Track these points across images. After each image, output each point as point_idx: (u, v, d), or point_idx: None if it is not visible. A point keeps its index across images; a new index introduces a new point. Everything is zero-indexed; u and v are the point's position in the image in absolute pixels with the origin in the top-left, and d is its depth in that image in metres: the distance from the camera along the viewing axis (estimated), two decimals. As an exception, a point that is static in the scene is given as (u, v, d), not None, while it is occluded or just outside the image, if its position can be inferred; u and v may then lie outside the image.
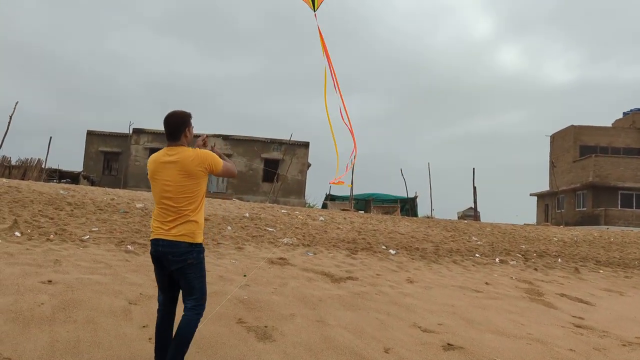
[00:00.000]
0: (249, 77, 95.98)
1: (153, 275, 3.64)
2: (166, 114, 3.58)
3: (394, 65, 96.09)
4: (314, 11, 7.66)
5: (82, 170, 31.74)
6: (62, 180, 28.31)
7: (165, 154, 3.54)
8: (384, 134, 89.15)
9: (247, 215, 12.87)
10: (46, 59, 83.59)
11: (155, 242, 3.40)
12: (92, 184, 29.56)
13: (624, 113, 43.27)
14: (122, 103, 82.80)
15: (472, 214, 36.80)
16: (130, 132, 32.54)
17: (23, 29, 79.32)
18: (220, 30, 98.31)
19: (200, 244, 3.47)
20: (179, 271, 3.37)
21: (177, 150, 3.52)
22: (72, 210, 10.03)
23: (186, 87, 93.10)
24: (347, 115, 6.78)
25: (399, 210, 28.10)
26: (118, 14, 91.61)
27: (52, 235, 7.88)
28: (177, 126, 3.55)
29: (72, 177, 29.49)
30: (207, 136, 4.06)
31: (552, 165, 33.70)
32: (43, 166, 26.17)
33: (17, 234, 7.73)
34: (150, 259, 3.53)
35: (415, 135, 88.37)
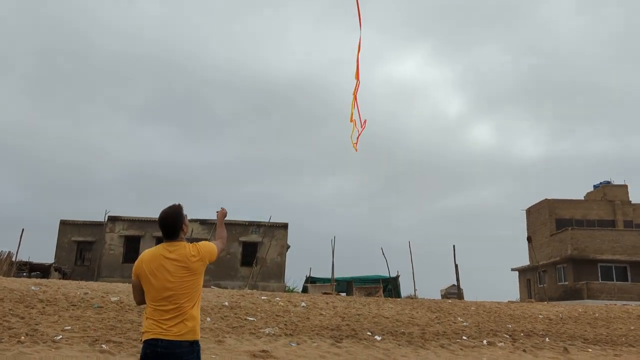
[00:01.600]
0: (226, 162, 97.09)
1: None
2: (161, 212, 3.52)
3: (371, 144, 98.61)
4: None
5: (54, 262, 30.82)
6: (32, 274, 27.35)
7: (165, 249, 3.42)
8: (363, 214, 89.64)
9: (226, 304, 12.46)
10: (21, 149, 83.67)
11: (153, 343, 3.20)
12: (64, 275, 28.62)
13: (594, 186, 44.54)
14: (98, 192, 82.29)
15: (455, 292, 36.42)
16: (105, 220, 32.06)
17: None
18: (199, 117, 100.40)
19: (198, 341, 3.34)
20: None
21: (176, 246, 3.43)
22: (43, 308, 9.58)
23: (163, 174, 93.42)
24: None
25: (381, 290, 27.66)
26: (98, 104, 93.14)
27: (23, 337, 7.46)
28: (174, 224, 3.48)
29: (42, 270, 28.53)
30: (224, 209, 4.07)
31: (529, 240, 34.09)
32: (13, 259, 25.35)
33: (-16, 337, 7.31)
34: None
35: (394, 214, 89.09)
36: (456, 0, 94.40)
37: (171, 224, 3.46)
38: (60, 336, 7.83)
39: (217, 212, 4.01)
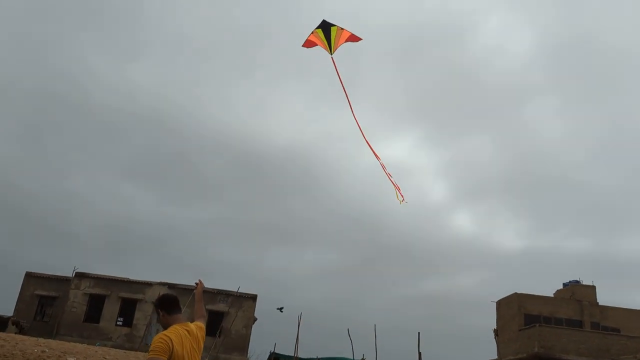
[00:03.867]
0: (205, 225, 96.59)
1: None
2: (167, 294, 3.95)
3: (352, 222, 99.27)
4: (331, 54, 8.97)
5: (13, 315, 29.89)
6: (-11, 325, 26.52)
7: (184, 330, 3.71)
8: (336, 292, 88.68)
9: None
10: (0, 192, 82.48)
11: None
12: (21, 330, 27.70)
13: (563, 284, 45.16)
14: (73, 243, 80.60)
15: (421, 381, 35.73)
16: (73, 275, 31.45)
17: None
18: (183, 179, 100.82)
19: None
20: None
21: (189, 327, 3.76)
22: (-2, 364, 9.44)
23: (140, 232, 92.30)
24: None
25: (345, 373, 27.20)
26: (86, 156, 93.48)
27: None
28: (177, 300, 3.88)
29: (0, 322, 27.70)
30: (201, 282, 4.39)
31: (495, 334, 34.12)
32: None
33: None
34: None
35: (368, 295, 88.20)
36: (453, 93, 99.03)
37: (175, 300, 3.86)
38: (12, 395, 7.73)
39: (195, 284, 4.31)
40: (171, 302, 3.80)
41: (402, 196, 9.13)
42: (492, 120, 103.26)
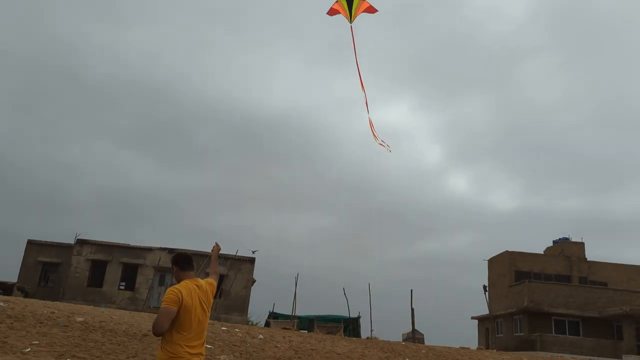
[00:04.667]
0: (201, 191, 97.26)
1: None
2: (181, 253, 4.35)
3: (348, 187, 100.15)
4: (350, 23, 9.42)
5: (17, 281, 30.75)
6: (-5, 291, 27.33)
7: (194, 285, 4.11)
8: (332, 254, 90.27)
9: (187, 331, 13.08)
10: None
11: None
12: (26, 295, 28.58)
13: (553, 241, 46.25)
14: (71, 213, 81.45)
15: (416, 337, 37.06)
16: (74, 242, 32.20)
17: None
18: (179, 145, 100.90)
19: None
20: None
21: (199, 282, 4.17)
22: (12, 323, 10.15)
23: (138, 200, 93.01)
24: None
25: (342, 330, 28.31)
26: (81, 124, 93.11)
27: (-7, 348, 8.07)
28: (190, 258, 4.29)
29: (5, 288, 28.52)
30: (218, 245, 4.96)
31: (485, 289, 35.26)
32: (-23, 275, 25.37)
33: (-43, 345, 7.90)
34: None
35: (363, 256, 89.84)
36: (447, 55, 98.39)
37: (189, 258, 4.28)
38: (29, 349, 8.46)
39: (213, 247, 4.84)
40: (185, 259, 4.21)
41: (384, 145, 9.55)
42: (487, 82, 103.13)
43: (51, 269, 33.73)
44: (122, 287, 32.17)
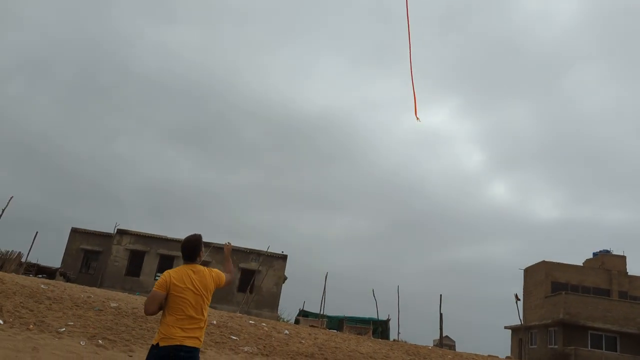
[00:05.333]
0: (243, 188, 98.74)
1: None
2: (185, 238, 4.39)
3: (386, 189, 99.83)
4: None
5: (60, 267, 32.07)
6: (39, 275, 28.61)
7: (190, 270, 4.24)
8: (366, 256, 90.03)
9: (214, 322, 13.51)
10: (48, 154, 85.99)
11: (178, 348, 3.96)
12: (68, 281, 29.79)
13: (593, 253, 44.98)
14: (115, 204, 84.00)
15: (447, 344, 36.73)
16: (115, 232, 33.33)
17: (31, 123, 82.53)
18: (223, 142, 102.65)
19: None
20: None
21: (197, 267, 4.28)
22: (50, 305, 10.75)
23: (181, 194, 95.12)
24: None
25: (370, 332, 28.40)
26: (129, 120, 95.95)
27: (31, 326, 8.61)
28: (195, 249, 4.35)
29: (49, 273, 29.81)
30: (230, 244, 5.03)
31: (517, 298, 34.50)
32: (23, 260, 26.63)
33: (0, 321, 8.47)
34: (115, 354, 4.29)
35: (399, 259, 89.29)
36: (493, 61, 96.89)
37: (193, 248, 4.33)
38: (64, 329, 8.97)
39: (224, 245, 4.93)
40: (185, 250, 4.32)
41: (417, 116, 9.42)
42: (532, 88, 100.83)
43: (92, 256, 35.03)
44: (158, 278, 33.07)
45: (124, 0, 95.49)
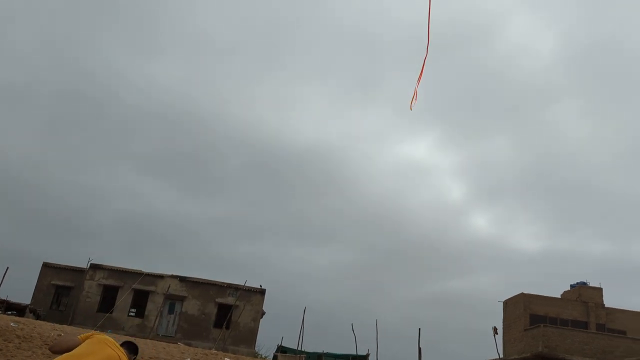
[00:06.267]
0: (223, 220, 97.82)
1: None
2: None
3: (369, 223, 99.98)
4: None
5: (30, 303, 31.04)
6: (8, 312, 27.63)
7: (121, 352, 4.22)
8: (348, 289, 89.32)
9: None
10: (20, 185, 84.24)
11: None
12: (38, 317, 28.82)
13: (570, 285, 45.38)
14: (90, 237, 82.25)
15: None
16: (87, 267, 32.52)
17: (3, 154, 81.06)
18: (201, 174, 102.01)
19: None
20: None
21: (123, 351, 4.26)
22: (20, 343, 10.31)
23: (157, 227, 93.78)
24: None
25: (350, 367, 27.97)
26: (106, 151, 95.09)
27: (-2, 366, 8.22)
28: (137, 350, 4.54)
29: (18, 309, 28.84)
30: None
31: (495, 332, 34.46)
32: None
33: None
34: None
35: (380, 291, 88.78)
36: (472, 93, 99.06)
37: (136, 349, 4.54)
38: (32, 370, 8.58)
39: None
40: (133, 350, 4.49)
41: (414, 100, 9.29)
42: (513, 120, 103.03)
43: (64, 292, 34.01)
44: (132, 314, 32.24)
45: (102, 35, 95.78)
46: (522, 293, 42.11)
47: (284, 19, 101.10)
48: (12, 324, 12.51)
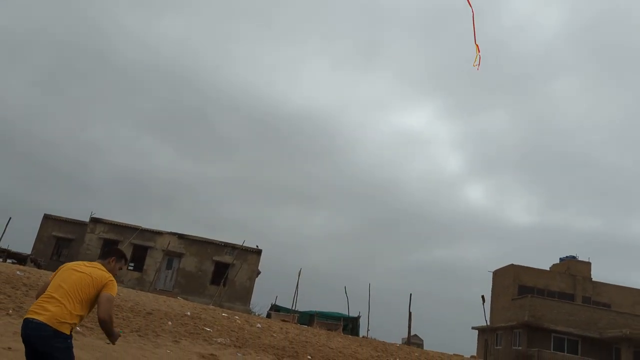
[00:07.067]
0: (221, 180, 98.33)
1: (97, 353, 4.59)
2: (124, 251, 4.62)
3: (365, 189, 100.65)
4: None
5: (31, 253, 31.74)
6: (9, 260, 28.30)
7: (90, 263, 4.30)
8: (341, 253, 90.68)
9: (188, 313, 13.74)
10: (23, 139, 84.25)
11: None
12: (39, 267, 29.54)
13: (560, 259, 46.25)
14: (90, 191, 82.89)
15: (416, 342, 37.39)
16: (89, 220, 33.11)
17: (5, 108, 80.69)
18: (201, 134, 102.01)
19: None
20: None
21: (96, 265, 4.29)
22: (27, 291, 10.85)
23: (156, 184, 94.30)
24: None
25: (341, 328, 28.85)
26: (106, 106, 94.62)
27: (10, 311, 8.75)
28: (110, 252, 4.51)
29: (19, 259, 29.52)
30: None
31: (483, 300, 35.35)
32: (-6, 245, 26.36)
33: (-22, 306, 8.59)
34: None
35: (373, 257, 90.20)
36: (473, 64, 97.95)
37: (109, 251, 4.54)
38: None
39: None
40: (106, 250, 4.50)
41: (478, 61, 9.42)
42: (512, 95, 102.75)
43: (64, 244, 34.73)
44: (131, 268, 33.03)
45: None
46: (512, 264, 42.96)
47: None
48: (17, 272, 13.07)
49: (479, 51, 9.52)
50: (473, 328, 45.03)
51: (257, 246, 34.03)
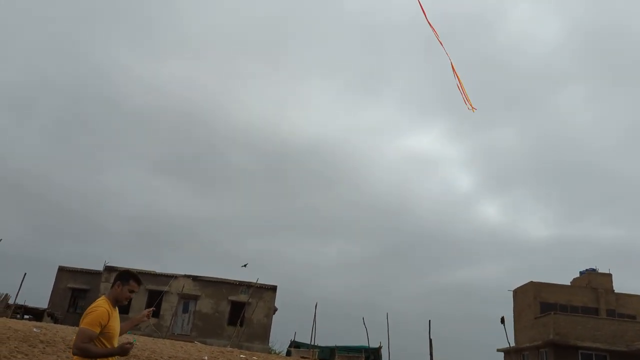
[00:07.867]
0: (231, 218, 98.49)
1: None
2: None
3: (377, 215, 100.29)
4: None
5: (48, 307, 31.76)
6: (26, 316, 28.35)
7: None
8: (359, 281, 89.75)
9: (205, 358, 13.62)
10: (35, 190, 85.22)
11: None
12: (56, 321, 29.51)
13: (580, 272, 45.53)
14: (104, 239, 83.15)
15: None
16: (103, 269, 33.16)
17: (17, 160, 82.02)
18: (211, 172, 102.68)
19: None
20: None
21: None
22: (44, 348, 10.83)
23: (169, 226, 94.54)
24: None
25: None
26: (115, 150, 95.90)
27: (26, 370, 8.73)
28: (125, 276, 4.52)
29: (36, 314, 29.54)
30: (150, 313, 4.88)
31: (502, 321, 34.65)
32: (10, 302, 26.42)
33: (-5, 367, 8.58)
34: None
35: (390, 283, 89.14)
36: (479, 82, 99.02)
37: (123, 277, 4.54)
38: (59, 373, 9.09)
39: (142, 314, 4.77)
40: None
41: (471, 105, 9.43)
42: (519, 109, 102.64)
43: (80, 295, 34.72)
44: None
45: (112, 35, 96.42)
46: (532, 281, 42.34)
47: (288, 13, 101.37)
48: (34, 329, 13.08)
49: (466, 95, 9.64)
50: (498, 350, 44.16)
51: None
